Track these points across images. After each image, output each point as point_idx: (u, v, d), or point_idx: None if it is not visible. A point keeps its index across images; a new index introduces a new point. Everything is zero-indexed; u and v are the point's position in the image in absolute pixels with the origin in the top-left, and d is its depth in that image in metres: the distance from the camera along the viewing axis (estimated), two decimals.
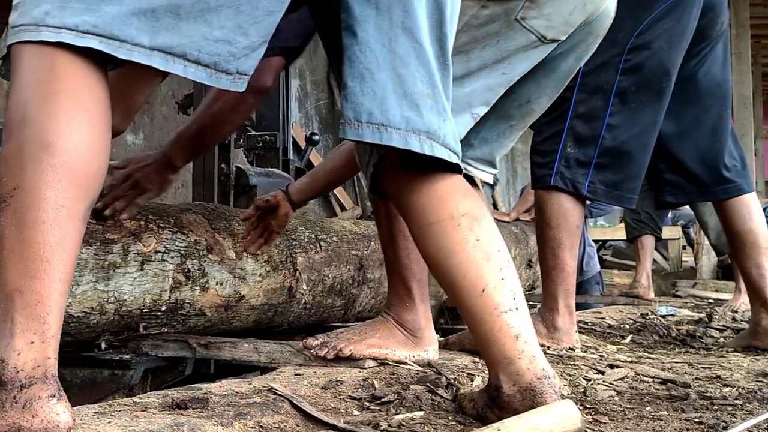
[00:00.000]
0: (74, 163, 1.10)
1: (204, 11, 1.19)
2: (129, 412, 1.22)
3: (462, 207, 1.37)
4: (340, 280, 2.86)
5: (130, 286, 2.06)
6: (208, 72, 1.21)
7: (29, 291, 1.06)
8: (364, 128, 1.34)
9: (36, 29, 1.12)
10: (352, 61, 1.34)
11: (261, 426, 1.22)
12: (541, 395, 1.24)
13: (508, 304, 1.33)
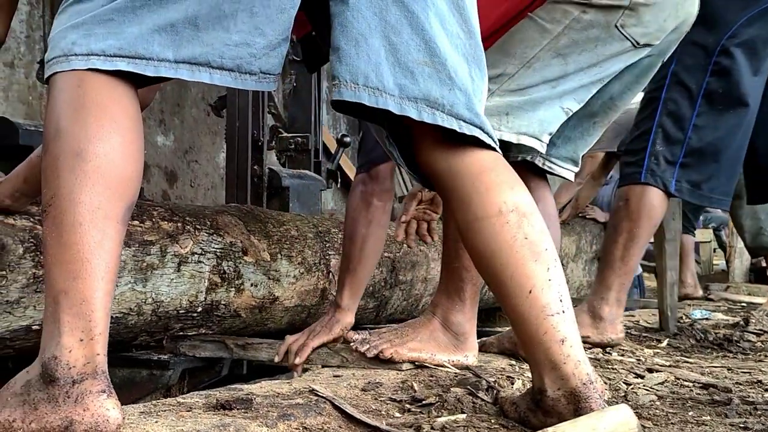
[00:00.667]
0: (106, 167, 1.14)
1: (220, 18, 1.23)
2: (174, 412, 1.22)
3: (510, 201, 1.34)
4: (372, 282, 2.86)
5: (167, 288, 2.08)
6: (232, 75, 1.25)
7: (73, 291, 1.10)
8: (361, 90, 1.31)
9: (66, 59, 1.19)
10: (344, 26, 1.33)
11: (305, 427, 1.23)
12: (586, 400, 1.23)
13: (555, 306, 1.30)
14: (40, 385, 1.10)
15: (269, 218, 2.52)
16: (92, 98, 1.17)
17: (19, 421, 1.08)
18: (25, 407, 1.09)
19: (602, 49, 1.91)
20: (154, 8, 1.21)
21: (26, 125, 2.16)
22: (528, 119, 1.91)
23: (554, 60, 1.91)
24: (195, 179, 6.15)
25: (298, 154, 3.59)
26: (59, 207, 1.13)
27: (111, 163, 1.14)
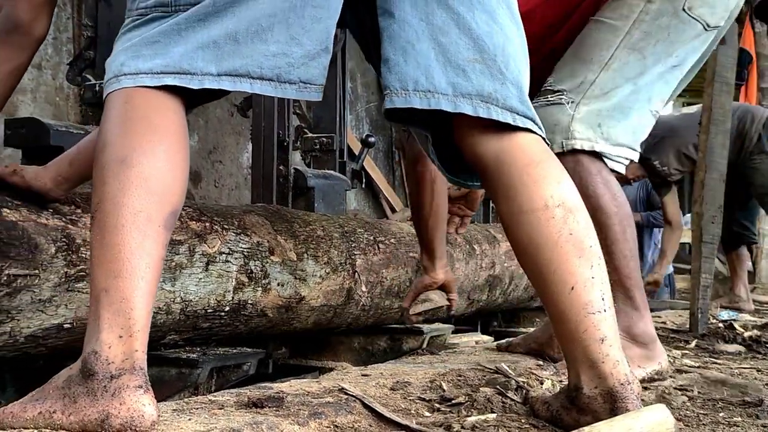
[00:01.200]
0: (149, 173, 1.20)
1: (258, 32, 1.29)
2: (207, 409, 1.23)
3: (557, 196, 1.33)
4: (398, 281, 2.87)
5: (196, 287, 2.09)
6: (272, 85, 1.31)
7: (114, 289, 1.15)
8: (412, 96, 1.36)
9: (116, 80, 1.28)
10: (392, 38, 1.39)
11: (336, 425, 1.23)
12: (623, 401, 1.22)
13: (597, 304, 1.29)
14: (80, 379, 1.13)
15: (295, 218, 2.53)
16: (138, 112, 1.24)
17: (59, 412, 1.11)
18: (65, 400, 1.12)
19: (675, 35, 1.92)
20: (198, 28, 1.28)
21: (57, 126, 2.19)
22: (623, 129, 1.92)
23: (631, 56, 1.92)
24: (219, 179, 6.19)
25: (323, 154, 3.60)
26: (104, 211, 1.18)
27: (154, 170, 1.20)
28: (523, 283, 3.81)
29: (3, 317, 1.65)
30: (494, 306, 3.74)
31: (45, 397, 1.15)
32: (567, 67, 2.00)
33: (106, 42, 2.49)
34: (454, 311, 2.73)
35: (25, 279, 1.65)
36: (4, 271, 1.60)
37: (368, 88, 7.75)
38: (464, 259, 3.30)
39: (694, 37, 1.94)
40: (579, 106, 1.90)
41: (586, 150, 1.90)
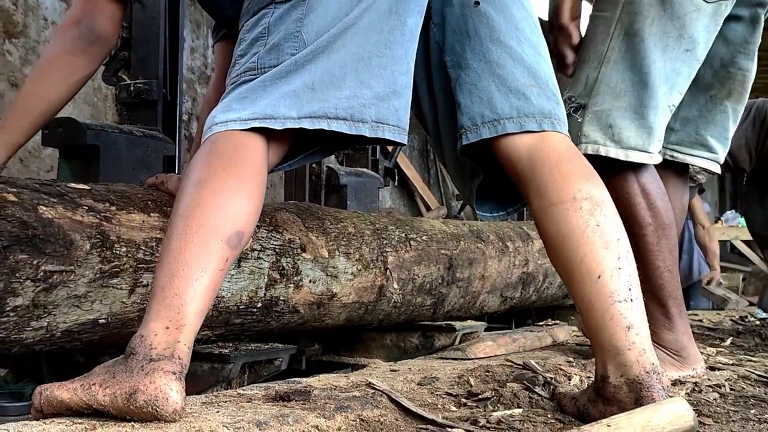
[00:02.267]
0: (220, 194, 1.32)
1: (333, 80, 1.44)
2: (235, 402, 1.25)
3: (585, 190, 1.42)
4: (429, 279, 2.87)
5: (228, 283, 2.11)
6: (347, 124, 1.45)
7: (169, 287, 1.24)
8: (481, 129, 1.53)
9: (209, 129, 1.44)
10: (461, 84, 1.58)
11: (362, 419, 1.25)
12: (648, 389, 1.22)
13: (623, 294, 1.33)
14: (123, 359, 1.22)
15: (327, 215, 2.54)
16: (221, 148, 1.39)
17: (97, 385, 1.18)
18: (106, 375, 1.20)
19: (672, 11, 1.81)
20: (280, 83, 1.43)
21: (92, 125, 2.23)
22: (636, 130, 1.85)
23: (628, 42, 1.84)
24: None
25: (355, 152, 3.62)
26: (174, 221, 1.31)
27: (224, 191, 1.31)
28: (557, 281, 3.79)
29: (40, 312, 1.68)
30: (528, 303, 3.73)
31: (92, 374, 1.23)
32: (576, 72, 1.97)
33: (139, 42, 2.54)
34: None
35: (60, 275, 1.69)
36: (41, 267, 1.63)
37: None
38: (497, 256, 3.29)
39: (696, 13, 1.81)
40: (587, 108, 1.86)
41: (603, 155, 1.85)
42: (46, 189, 1.74)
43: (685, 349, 1.82)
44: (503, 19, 1.57)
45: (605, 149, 1.84)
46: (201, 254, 1.25)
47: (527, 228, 3.67)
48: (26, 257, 1.60)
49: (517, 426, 1.25)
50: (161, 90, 2.65)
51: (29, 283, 1.63)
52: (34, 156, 4.56)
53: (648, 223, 1.84)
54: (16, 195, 1.65)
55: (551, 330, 2.29)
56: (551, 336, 2.21)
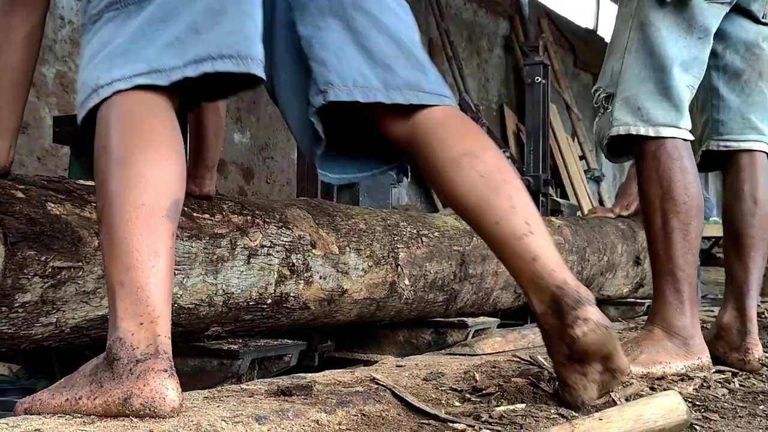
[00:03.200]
0: (145, 169, 1.25)
1: (215, 15, 1.34)
2: (237, 397, 1.26)
3: (460, 147, 1.47)
4: (441, 275, 2.86)
5: (237, 279, 2.12)
6: (233, 62, 1.33)
7: (128, 281, 1.20)
8: (353, 91, 1.49)
9: (95, 93, 1.33)
10: (322, 43, 1.53)
11: (363, 414, 1.24)
12: (565, 297, 1.33)
13: (522, 229, 1.40)
14: (106, 365, 1.18)
15: (337, 211, 2.55)
16: (125, 116, 1.30)
17: (85, 398, 1.15)
18: (92, 386, 1.16)
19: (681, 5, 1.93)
20: (161, 29, 1.34)
21: None
22: (664, 108, 1.94)
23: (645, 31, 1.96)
24: (271, 175, 6.26)
25: None
26: (109, 210, 1.24)
27: (149, 163, 1.25)
28: None
29: (49, 308, 1.70)
30: None
31: (72, 385, 1.19)
32: (603, 66, 2.08)
33: None
34: None
35: (69, 271, 1.70)
36: (49, 263, 1.65)
37: None
38: None
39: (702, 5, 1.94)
40: (616, 96, 1.96)
41: (665, 136, 1.92)
42: (54, 186, 1.76)
43: (692, 338, 1.82)
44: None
45: (636, 128, 1.93)
46: (149, 238, 1.21)
47: None
48: (34, 253, 1.62)
49: (519, 421, 1.24)
50: None
51: (37, 279, 1.64)
52: (52, 154, 4.60)
53: (683, 201, 1.87)
54: (24, 192, 1.67)
55: None
56: None
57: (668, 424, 0.94)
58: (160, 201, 1.23)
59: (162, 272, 1.21)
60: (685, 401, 1.45)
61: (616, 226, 4.35)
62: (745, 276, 2.00)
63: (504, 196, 1.42)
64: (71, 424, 1.02)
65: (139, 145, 1.25)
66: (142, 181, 1.23)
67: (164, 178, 1.25)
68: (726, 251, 2.17)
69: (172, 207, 1.25)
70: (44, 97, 4.67)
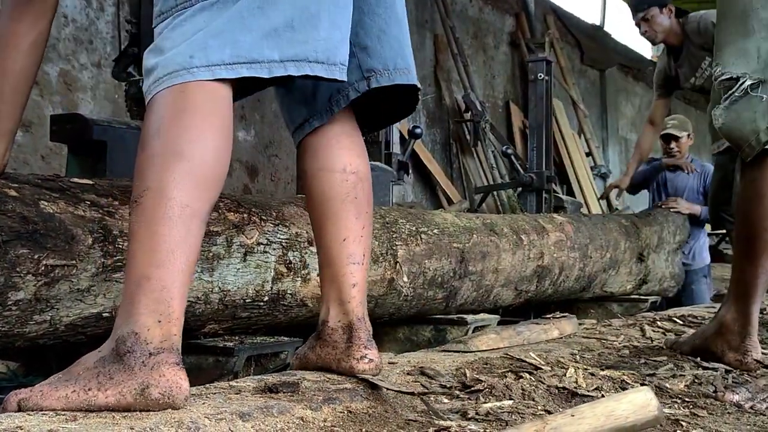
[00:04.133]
0: (199, 169, 1.25)
1: (310, 19, 1.38)
2: (224, 394, 1.26)
3: (355, 164, 1.58)
4: (441, 272, 2.86)
5: (234, 277, 2.12)
6: (324, 68, 1.40)
7: (156, 278, 1.21)
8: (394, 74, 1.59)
9: (187, 71, 1.29)
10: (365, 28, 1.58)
11: (350, 411, 1.25)
12: (357, 331, 1.50)
13: (359, 258, 1.58)
14: (115, 357, 1.19)
15: None
16: (192, 103, 1.28)
17: (95, 389, 1.16)
18: (100, 378, 1.17)
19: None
20: (258, 15, 1.33)
21: (99, 121, 2.25)
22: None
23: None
24: (275, 173, 6.27)
25: (368, 145, 3.60)
26: (152, 199, 1.23)
27: (204, 165, 1.25)
28: (573, 274, 3.77)
29: (43, 306, 1.71)
30: (544, 297, 3.71)
31: (77, 377, 1.19)
32: (729, 47, 1.80)
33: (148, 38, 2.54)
34: None
35: (62, 269, 1.70)
36: (42, 261, 1.65)
37: (425, 80, 7.74)
38: (511, 249, 3.27)
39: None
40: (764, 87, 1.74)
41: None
42: (48, 184, 1.76)
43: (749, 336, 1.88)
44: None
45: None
46: (185, 241, 1.22)
47: (543, 221, 3.65)
48: (27, 252, 1.62)
49: (505, 417, 1.24)
50: None
51: (30, 278, 1.65)
52: (55, 153, 4.62)
53: None
54: (17, 190, 1.67)
55: (558, 323, 2.28)
56: (558, 329, 2.20)
57: (639, 420, 0.94)
58: (203, 204, 1.25)
59: (187, 277, 1.24)
60: (676, 397, 1.46)
61: (619, 222, 4.34)
62: (754, 280, 1.93)
63: (360, 223, 1.58)
64: (53, 422, 1.03)
65: (199, 140, 1.25)
66: (194, 181, 1.23)
67: (213, 179, 1.27)
68: (737, 251, 2.09)
69: (209, 212, 1.28)
70: (48, 95, 4.69)
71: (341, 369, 1.46)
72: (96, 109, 4.98)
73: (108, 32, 5.06)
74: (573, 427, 0.90)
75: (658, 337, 2.27)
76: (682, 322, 2.60)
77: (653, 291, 4.60)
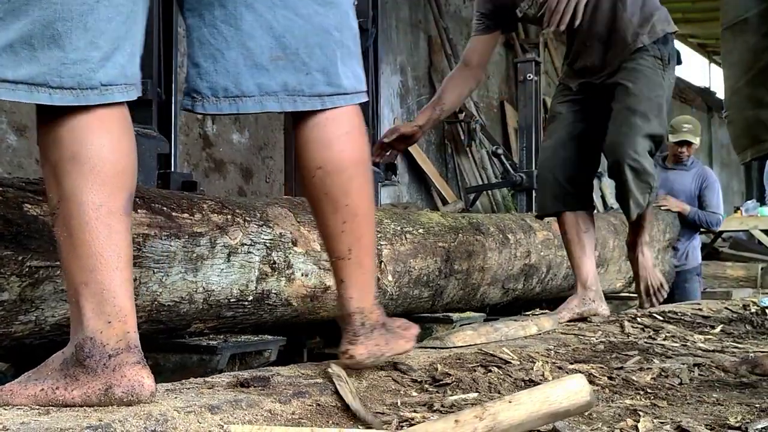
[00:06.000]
0: (100, 166, 1.25)
1: (55, 37, 1.23)
2: (196, 389, 1.30)
3: (319, 159, 1.52)
4: (426, 271, 2.90)
5: (218, 277, 2.17)
6: (74, 94, 1.26)
7: (93, 282, 1.23)
8: (222, 102, 1.47)
9: None
10: (202, 43, 1.46)
11: (318, 404, 1.29)
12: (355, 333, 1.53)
13: (343, 253, 1.55)
14: (76, 362, 1.22)
15: None
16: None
17: (62, 389, 1.20)
18: (66, 379, 1.21)
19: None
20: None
21: None
22: None
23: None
24: (270, 175, 6.31)
25: None
26: (66, 209, 1.24)
27: (104, 161, 1.25)
28: (561, 272, 3.81)
29: (27, 306, 1.75)
30: (532, 295, 3.75)
31: (45, 377, 1.23)
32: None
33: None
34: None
35: (47, 270, 1.75)
36: (26, 262, 1.70)
37: (419, 81, 7.79)
38: (497, 248, 3.31)
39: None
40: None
41: None
42: (32, 187, 1.80)
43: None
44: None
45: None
46: (109, 239, 1.23)
47: (530, 220, 3.69)
48: (11, 253, 1.67)
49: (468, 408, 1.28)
50: (156, 89, 2.71)
51: (15, 279, 1.69)
52: None
53: None
54: (0, 194, 1.71)
55: (537, 319, 2.32)
56: (536, 325, 2.24)
57: (572, 405, 0.99)
58: (116, 198, 1.25)
59: (125, 271, 1.25)
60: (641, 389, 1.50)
61: (607, 221, 4.37)
62: None
63: (338, 218, 1.53)
64: (27, 415, 1.07)
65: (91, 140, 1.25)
66: (98, 180, 1.23)
67: (119, 171, 1.26)
68: None
69: (128, 201, 1.28)
70: None
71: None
72: None
73: None
74: (510, 412, 0.95)
75: (636, 333, 2.32)
76: (662, 318, 2.64)
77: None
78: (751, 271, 6.51)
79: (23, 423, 1.02)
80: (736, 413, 1.30)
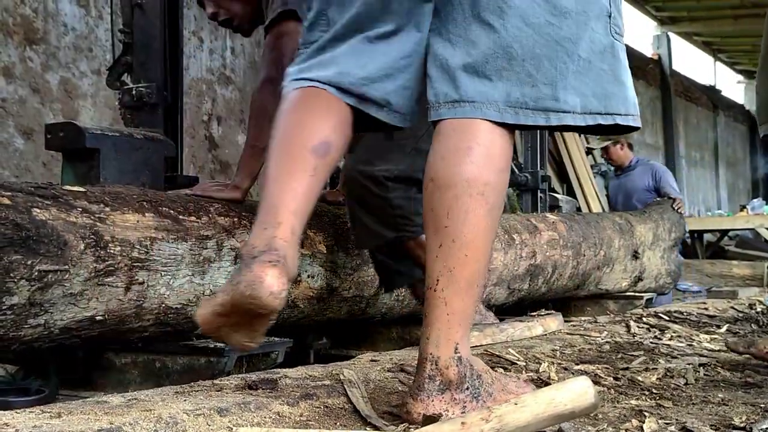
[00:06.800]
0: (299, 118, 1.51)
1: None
2: (206, 392, 1.32)
3: (432, 170, 1.46)
4: None
5: (225, 280, 2.17)
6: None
7: (266, 193, 1.42)
8: (442, 107, 1.48)
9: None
10: (434, 56, 1.52)
11: (326, 406, 1.30)
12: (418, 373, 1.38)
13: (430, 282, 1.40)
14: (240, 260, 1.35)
15: (325, 212, 2.60)
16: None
17: (219, 293, 1.31)
18: (227, 284, 1.33)
19: None
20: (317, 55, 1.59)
21: (92, 129, 2.31)
22: None
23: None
24: None
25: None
26: (271, 144, 1.48)
27: (303, 117, 1.49)
28: (567, 272, 3.81)
29: (37, 310, 1.76)
30: (538, 295, 3.75)
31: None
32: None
33: (140, 47, 2.60)
34: None
35: (55, 274, 1.76)
36: (35, 267, 1.71)
37: None
38: (503, 249, 3.32)
39: None
40: None
41: None
42: (40, 192, 1.82)
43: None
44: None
45: None
46: (290, 164, 1.42)
47: (535, 220, 3.70)
48: (20, 258, 1.68)
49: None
50: (162, 93, 2.72)
51: (24, 283, 1.70)
52: (57, 160, 4.69)
53: None
54: (10, 198, 1.73)
55: (543, 320, 2.33)
56: (542, 326, 2.25)
57: (577, 407, 1.00)
58: (306, 140, 1.44)
59: (296, 193, 1.39)
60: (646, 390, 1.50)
61: (613, 220, 4.38)
62: None
63: (436, 240, 1.39)
64: (39, 418, 1.09)
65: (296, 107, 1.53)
66: (299, 126, 1.47)
67: (315, 125, 1.47)
68: None
69: (321, 145, 1.45)
70: (48, 103, 4.76)
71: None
72: (96, 116, 5.05)
73: (107, 40, 5.12)
74: (516, 414, 0.96)
75: (642, 333, 2.32)
76: (668, 318, 2.65)
77: (649, 288, 4.64)
78: (758, 270, 6.51)
79: (35, 426, 1.03)
80: (740, 413, 1.31)
